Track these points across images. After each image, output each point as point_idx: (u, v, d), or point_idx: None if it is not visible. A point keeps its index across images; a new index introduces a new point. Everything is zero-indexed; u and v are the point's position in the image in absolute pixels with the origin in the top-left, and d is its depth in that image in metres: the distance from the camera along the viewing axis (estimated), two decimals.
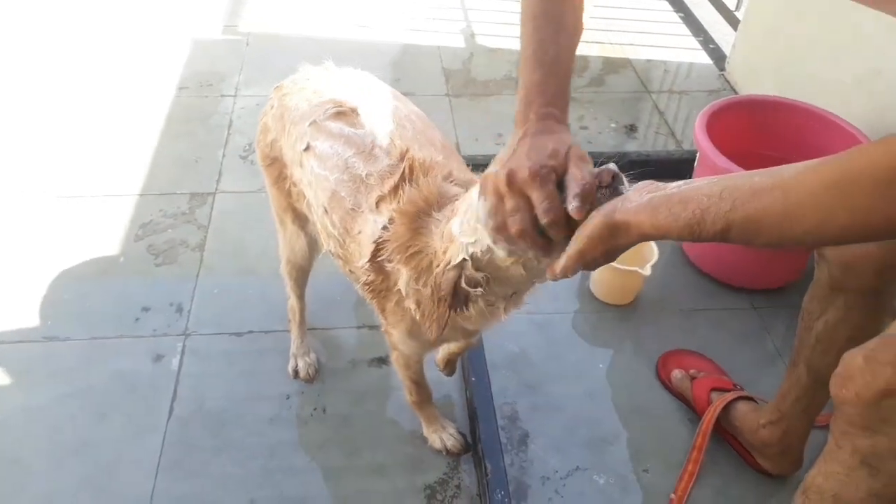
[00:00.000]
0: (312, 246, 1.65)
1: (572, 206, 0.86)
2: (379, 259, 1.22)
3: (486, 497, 1.53)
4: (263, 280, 2.04)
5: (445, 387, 1.81)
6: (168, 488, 1.59)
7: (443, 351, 1.73)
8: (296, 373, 1.82)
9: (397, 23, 3.31)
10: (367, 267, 1.25)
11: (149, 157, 2.51)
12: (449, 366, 1.77)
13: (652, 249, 1.98)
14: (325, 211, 1.33)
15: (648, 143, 2.68)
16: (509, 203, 0.90)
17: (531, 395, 1.80)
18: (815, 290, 1.41)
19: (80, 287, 2.04)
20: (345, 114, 1.35)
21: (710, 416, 1.65)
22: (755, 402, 1.68)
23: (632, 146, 2.64)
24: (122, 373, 1.82)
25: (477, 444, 1.64)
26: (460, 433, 1.68)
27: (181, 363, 1.84)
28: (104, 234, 2.20)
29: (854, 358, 1.01)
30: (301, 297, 1.80)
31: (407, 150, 1.28)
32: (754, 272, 2.05)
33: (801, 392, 1.48)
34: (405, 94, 2.77)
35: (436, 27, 3.29)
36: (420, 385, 1.59)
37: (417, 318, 1.20)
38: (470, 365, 1.78)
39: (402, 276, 1.18)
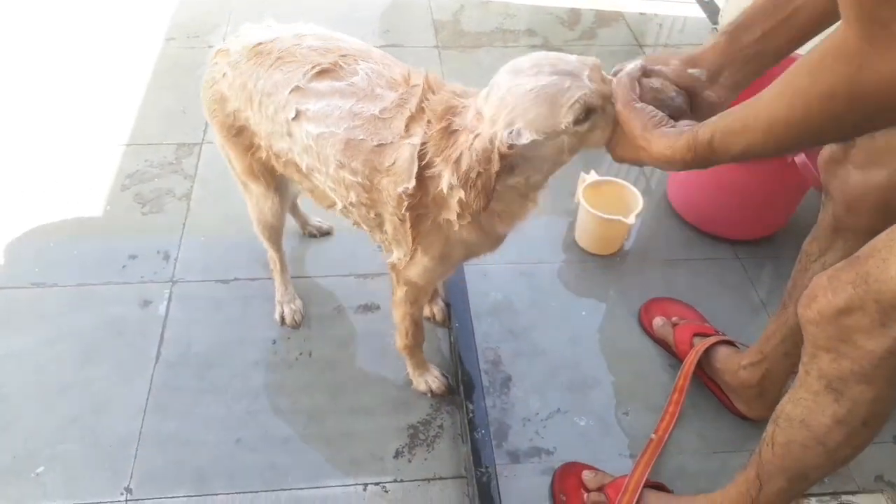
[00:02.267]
0: (284, 204, 1.66)
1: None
2: (423, 172, 1.22)
3: (467, 436, 1.56)
4: (249, 228, 2.02)
5: (431, 333, 1.83)
6: (156, 428, 1.62)
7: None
8: (282, 319, 1.83)
9: None
10: (411, 187, 1.23)
11: (136, 108, 2.49)
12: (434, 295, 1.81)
13: (637, 199, 1.98)
14: (341, 164, 1.30)
15: None
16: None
17: (514, 340, 1.82)
18: (817, 231, 1.40)
19: (67, 235, 2.04)
20: (327, 70, 1.32)
21: (692, 358, 1.68)
22: (736, 346, 1.70)
23: None
24: (110, 318, 1.83)
25: (459, 386, 1.67)
26: (444, 375, 1.70)
27: (168, 309, 1.86)
28: (91, 184, 2.20)
29: (820, 278, 1.02)
30: (278, 248, 1.81)
31: (410, 74, 1.29)
32: (738, 223, 2.06)
33: (787, 333, 1.49)
34: (395, 45, 2.79)
35: None
36: (418, 325, 1.61)
37: (457, 212, 1.21)
38: (454, 311, 1.80)
39: (444, 177, 1.18)
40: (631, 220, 1.91)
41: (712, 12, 3.07)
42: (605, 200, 1.98)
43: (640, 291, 1.94)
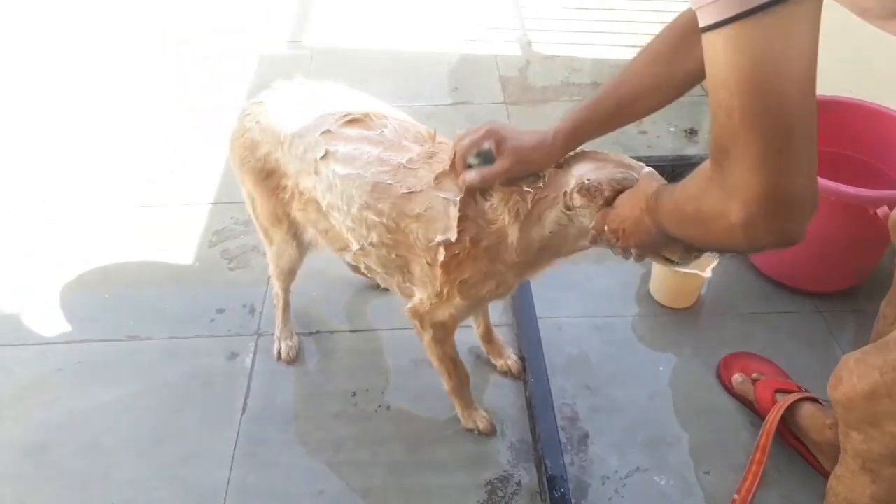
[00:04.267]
0: (302, 251, 1.76)
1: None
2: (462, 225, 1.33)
3: (545, 494, 1.56)
4: (330, 283, 2.13)
5: (505, 389, 1.86)
6: (242, 479, 1.68)
7: (477, 328, 1.85)
8: (278, 354, 1.92)
9: (454, 33, 3.38)
10: (453, 238, 1.33)
11: (221, 168, 2.63)
12: (492, 341, 1.87)
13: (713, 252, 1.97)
14: (366, 205, 1.41)
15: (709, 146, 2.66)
16: None
17: (591, 396, 1.82)
18: (892, 294, 1.39)
19: (159, 290, 2.17)
20: (359, 120, 1.45)
21: (774, 415, 1.64)
22: (821, 403, 1.66)
23: (692, 150, 2.63)
24: (199, 370, 1.92)
25: (537, 443, 1.67)
26: (490, 419, 1.74)
27: (254, 361, 1.94)
28: (181, 241, 2.33)
29: (847, 360, 1.02)
30: (286, 290, 1.92)
31: (435, 133, 1.41)
32: (818, 275, 2.02)
33: None
34: (463, 103, 2.88)
35: (492, 36, 3.34)
36: (457, 364, 1.66)
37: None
38: (529, 366, 1.82)
39: (513, 228, 1.31)
40: (707, 273, 1.90)
41: None
42: None
43: (717, 346, 1.92)
